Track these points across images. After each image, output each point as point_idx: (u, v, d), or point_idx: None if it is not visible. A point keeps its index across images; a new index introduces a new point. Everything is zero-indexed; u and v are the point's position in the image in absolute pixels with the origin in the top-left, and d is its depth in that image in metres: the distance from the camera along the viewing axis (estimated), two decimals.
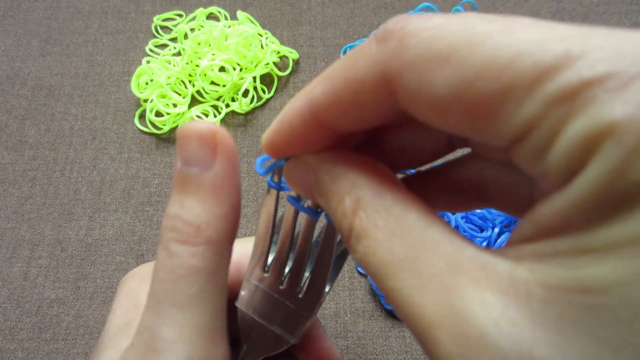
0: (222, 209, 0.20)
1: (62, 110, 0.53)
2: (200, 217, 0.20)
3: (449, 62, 0.13)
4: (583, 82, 0.11)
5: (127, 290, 0.25)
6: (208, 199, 0.20)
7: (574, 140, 0.11)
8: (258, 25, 0.57)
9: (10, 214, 0.46)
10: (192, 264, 0.19)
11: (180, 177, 0.20)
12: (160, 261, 0.20)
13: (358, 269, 0.43)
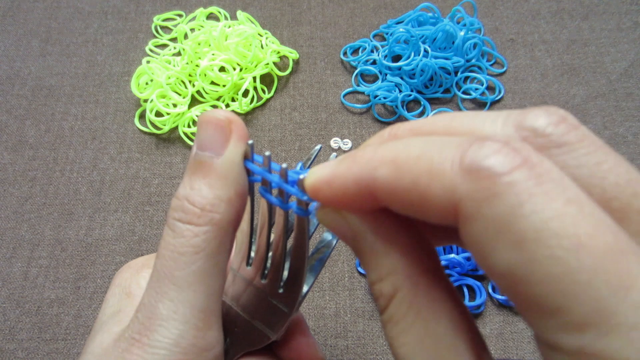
0: (227, 193, 0.21)
1: (62, 110, 0.53)
2: (206, 199, 0.20)
3: (520, 246, 0.13)
4: None
5: (120, 280, 0.25)
6: (215, 182, 0.21)
7: None
8: (258, 25, 0.57)
9: (10, 214, 0.46)
10: (194, 243, 0.20)
11: (194, 161, 0.21)
12: (165, 239, 0.21)
13: (358, 269, 0.43)
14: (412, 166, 0.15)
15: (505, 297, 0.41)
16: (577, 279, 0.13)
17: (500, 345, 0.40)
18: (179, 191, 0.21)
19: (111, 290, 0.25)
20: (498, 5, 0.59)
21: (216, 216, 0.21)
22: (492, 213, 0.13)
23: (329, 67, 0.55)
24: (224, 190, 0.21)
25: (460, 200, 0.14)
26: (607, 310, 0.12)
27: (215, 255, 0.21)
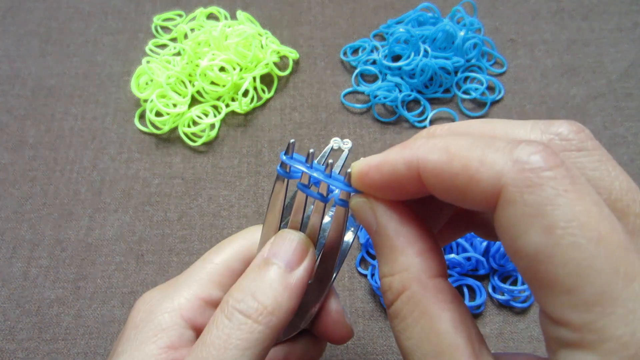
0: (289, 304, 0.23)
1: (62, 110, 0.53)
2: (270, 301, 0.22)
3: (550, 231, 0.16)
4: None
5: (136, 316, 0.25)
6: (283, 291, 0.23)
7: None
8: (258, 25, 0.57)
9: (10, 214, 0.46)
10: (247, 338, 0.21)
11: (265, 263, 0.23)
12: (219, 326, 0.22)
13: (358, 269, 0.43)
14: (464, 153, 0.18)
15: (505, 298, 0.41)
16: (593, 265, 0.15)
17: (501, 345, 0.40)
18: (243, 284, 0.23)
19: (126, 333, 0.25)
20: (498, 5, 0.59)
21: (274, 320, 0.22)
22: (531, 199, 0.16)
23: (329, 67, 0.55)
24: (288, 301, 0.23)
25: (505, 185, 0.16)
26: (613, 294, 0.15)
27: (260, 355, 0.22)
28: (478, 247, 0.41)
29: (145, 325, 0.24)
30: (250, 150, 0.50)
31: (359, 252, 0.44)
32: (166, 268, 0.44)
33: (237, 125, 0.51)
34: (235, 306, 0.22)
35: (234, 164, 0.49)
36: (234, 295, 0.23)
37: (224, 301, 0.23)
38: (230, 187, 0.48)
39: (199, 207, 0.47)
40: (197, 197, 0.47)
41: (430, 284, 0.19)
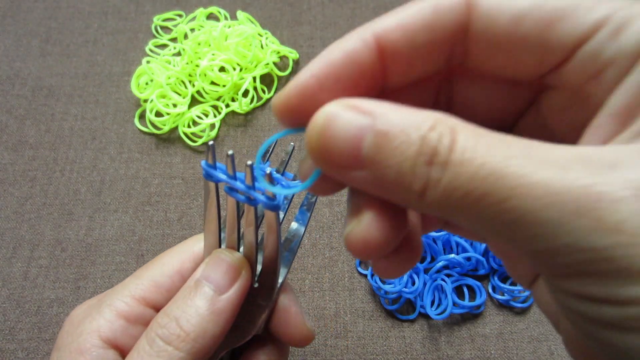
0: (215, 329, 0.22)
1: (62, 110, 0.53)
2: (194, 327, 0.22)
3: None
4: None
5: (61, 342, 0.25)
6: (209, 315, 0.22)
7: None
8: (258, 25, 0.57)
9: (10, 214, 0.46)
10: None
11: (195, 286, 0.23)
12: (140, 353, 0.21)
13: (358, 269, 0.43)
14: (411, 4, 0.17)
15: (505, 298, 0.41)
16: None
17: (501, 345, 0.40)
18: (171, 309, 0.23)
19: (52, 356, 0.24)
20: None
21: (197, 346, 0.22)
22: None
23: None
24: (214, 326, 0.22)
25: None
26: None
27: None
28: (478, 247, 0.41)
29: (66, 348, 0.24)
30: (250, 150, 0.50)
31: None
32: None
33: (237, 126, 0.51)
34: (157, 332, 0.22)
35: None
36: (158, 320, 0.22)
37: (149, 326, 0.23)
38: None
39: (199, 207, 0.47)
40: (197, 197, 0.47)
41: None
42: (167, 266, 0.26)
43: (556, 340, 0.40)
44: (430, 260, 0.42)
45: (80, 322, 0.24)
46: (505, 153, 0.14)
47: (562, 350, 0.39)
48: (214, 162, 0.23)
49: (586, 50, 0.16)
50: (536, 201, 0.13)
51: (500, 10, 0.16)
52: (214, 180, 0.23)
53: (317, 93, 0.17)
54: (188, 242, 0.27)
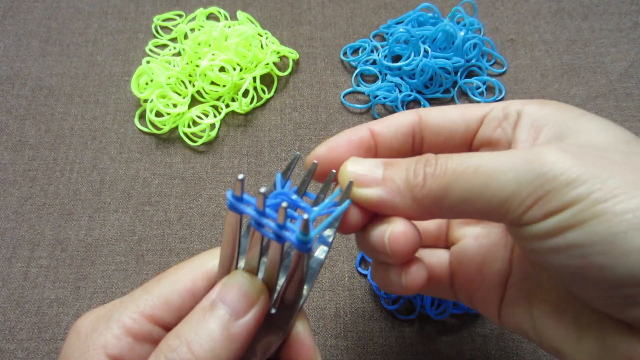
0: (228, 357, 0.22)
1: (62, 110, 0.53)
2: (205, 353, 0.21)
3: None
4: None
5: (68, 351, 0.24)
6: (223, 342, 0.22)
7: None
8: (258, 26, 0.57)
9: (10, 214, 0.46)
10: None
11: (210, 308, 0.22)
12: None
13: (358, 269, 0.43)
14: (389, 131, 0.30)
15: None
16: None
17: (501, 345, 0.40)
18: (183, 330, 0.22)
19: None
20: (498, 5, 0.59)
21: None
22: None
23: (329, 67, 0.55)
24: (227, 353, 0.22)
25: None
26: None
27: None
28: None
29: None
30: (250, 150, 0.50)
31: (359, 252, 0.44)
32: (166, 268, 0.43)
33: (237, 126, 0.51)
34: (167, 355, 0.21)
35: (234, 164, 0.49)
36: (168, 342, 0.22)
37: (158, 347, 0.22)
38: (230, 187, 0.48)
39: (199, 207, 0.47)
40: (197, 197, 0.47)
41: None
42: (179, 283, 0.25)
43: None
44: None
45: (87, 335, 0.23)
46: (471, 155, 0.23)
47: None
48: (241, 195, 0.22)
49: (489, 117, 0.28)
50: (499, 163, 0.22)
51: (436, 112, 0.29)
52: (239, 213, 0.22)
53: (340, 153, 0.29)
54: (202, 257, 0.26)
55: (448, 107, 0.29)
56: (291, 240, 0.21)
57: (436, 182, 0.23)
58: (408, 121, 0.29)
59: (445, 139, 0.29)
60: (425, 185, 0.24)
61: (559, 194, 0.20)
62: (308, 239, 0.21)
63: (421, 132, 0.29)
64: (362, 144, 0.28)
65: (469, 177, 0.22)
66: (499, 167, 0.22)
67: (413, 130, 0.29)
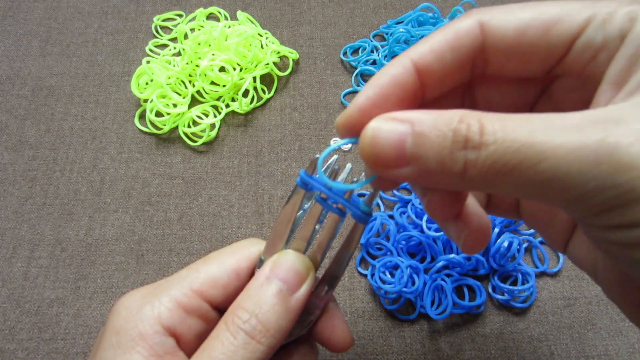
0: (288, 326, 0.24)
1: (62, 110, 0.53)
2: (274, 324, 0.24)
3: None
4: None
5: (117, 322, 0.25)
6: (283, 313, 0.24)
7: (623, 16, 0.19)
8: (258, 26, 0.57)
9: (10, 214, 0.46)
10: (250, 357, 0.23)
11: (267, 283, 0.24)
12: (224, 343, 0.23)
13: (358, 269, 0.43)
14: (437, 32, 0.22)
15: (505, 298, 0.41)
16: None
17: (501, 345, 0.40)
18: (246, 302, 0.24)
19: (106, 337, 0.25)
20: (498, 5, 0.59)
21: (274, 342, 0.24)
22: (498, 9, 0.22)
23: (329, 67, 0.55)
24: (287, 323, 0.24)
25: (480, 16, 0.22)
26: None
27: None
28: None
29: (126, 333, 0.24)
30: (250, 150, 0.50)
31: (359, 252, 0.44)
32: (166, 268, 0.44)
33: (237, 125, 0.51)
34: (240, 326, 0.23)
35: (234, 164, 0.49)
36: (238, 314, 0.24)
37: (227, 319, 0.24)
38: (230, 187, 0.48)
39: (199, 207, 0.47)
40: (197, 197, 0.47)
41: None
42: (224, 264, 0.27)
43: (556, 340, 0.40)
44: (430, 260, 0.42)
45: (139, 308, 0.25)
46: (529, 127, 0.17)
47: (562, 350, 0.39)
48: (312, 174, 0.25)
49: (581, 42, 0.20)
50: (562, 159, 0.16)
51: (507, 25, 0.21)
52: (309, 189, 0.25)
53: (371, 110, 0.21)
54: (243, 243, 0.28)
55: (524, 14, 0.21)
56: (354, 210, 0.24)
57: (481, 174, 0.18)
58: (467, 41, 0.21)
59: (516, 67, 0.22)
60: (465, 175, 0.18)
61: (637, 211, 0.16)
62: (370, 210, 0.24)
63: (484, 54, 0.22)
64: (404, 90, 0.21)
65: (524, 172, 0.17)
66: (565, 164, 0.16)
67: (474, 52, 0.21)
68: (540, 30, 0.20)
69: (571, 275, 0.42)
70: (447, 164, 0.18)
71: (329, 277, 0.27)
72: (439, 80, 0.22)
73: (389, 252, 0.42)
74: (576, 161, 0.16)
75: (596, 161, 0.16)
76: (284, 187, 0.47)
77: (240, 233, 0.45)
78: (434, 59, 0.21)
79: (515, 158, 0.17)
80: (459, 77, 0.22)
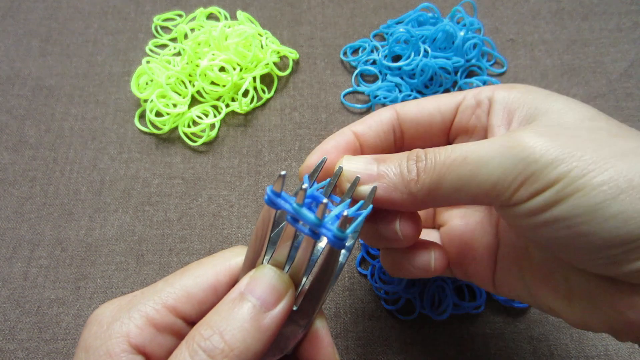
0: (258, 347, 0.22)
1: (62, 110, 0.53)
2: (238, 343, 0.22)
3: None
4: None
5: (88, 341, 0.24)
6: (254, 333, 0.22)
7: None
8: (258, 25, 0.57)
9: (10, 214, 0.46)
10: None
11: (240, 299, 0.23)
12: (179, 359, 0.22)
13: (358, 269, 0.43)
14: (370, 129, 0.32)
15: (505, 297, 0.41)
16: None
17: (501, 345, 0.40)
18: (214, 320, 0.22)
19: (77, 354, 0.24)
20: (498, 5, 0.59)
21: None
22: None
23: (329, 67, 0.55)
24: (258, 343, 0.22)
25: None
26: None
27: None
28: None
29: (94, 350, 0.23)
30: (250, 150, 0.50)
31: (359, 252, 0.44)
32: (166, 268, 0.44)
33: (237, 125, 0.51)
34: (200, 344, 0.22)
35: (234, 164, 0.49)
36: (200, 331, 0.22)
37: (190, 335, 0.22)
38: (230, 187, 0.48)
39: (199, 207, 0.47)
40: (197, 197, 0.47)
41: None
42: (201, 278, 0.25)
43: (556, 341, 0.40)
44: None
45: (109, 324, 0.24)
46: (454, 147, 0.25)
47: (562, 350, 0.39)
48: (281, 191, 0.23)
49: (462, 106, 0.31)
50: (481, 155, 0.24)
51: (411, 107, 0.31)
52: (277, 208, 0.23)
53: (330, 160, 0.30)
54: (224, 253, 0.27)
55: (423, 100, 0.31)
56: (328, 236, 0.22)
57: (429, 176, 0.25)
58: (387, 118, 0.31)
59: (424, 131, 0.31)
60: (419, 179, 0.25)
61: (542, 175, 0.23)
62: (345, 235, 0.22)
63: (400, 127, 0.31)
64: (348, 147, 0.30)
65: (458, 167, 0.24)
66: (484, 155, 0.24)
67: (393, 126, 0.31)
68: (434, 105, 0.31)
69: None
70: (404, 174, 0.26)
71: (306, 299, 0.25)
72: (372, 143, 0.31)
73: None
74: (493, 150, 0.24)
75: (508, 147, 0.23)
76: (284, 187, 0.47)
77: (240, 233, 0.45)
78: (366, 129, 0.31)
79: (449, 158, 0.25)
80: (385, 141, 0.31)
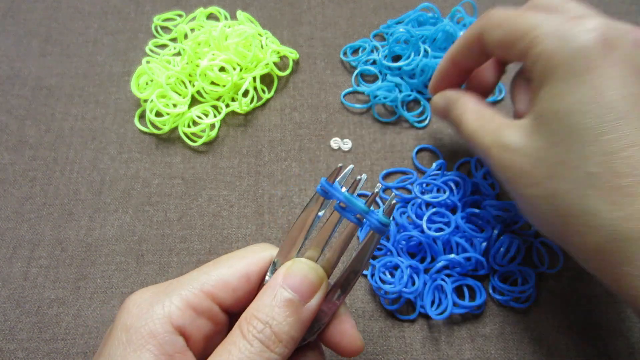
0: (299, 335, 0.25)
1: (62, 110, 0.53)
2: (286, 334, 0.25)
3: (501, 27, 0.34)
4: None
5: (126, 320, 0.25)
6: (295, 324, 0.25)
7: None
8: (258, 25, 0.57)
9: (10, 214, 0.46)
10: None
11: (280, 292, 0.25)
12: (241, 349, 0.24)
13: None
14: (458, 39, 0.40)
15: (505, 298, 0.41)
16: None
17: (501, 345, 0.40)
18: (261, 312, 0.25)
19: (115, 334, 0.25)
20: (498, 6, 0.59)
21: (286, 351, 0.25)
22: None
23: (329, 67, 0.55)
24: (298, 333, 0.25)
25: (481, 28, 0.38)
26: None
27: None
28: (478, 247, 0.41)
29: (136, 330, 0.24)
30: (250, 150, 0.50)
31: None
32: (166, 268, 0.44)
33: (237, 125, 0.51)
34: (255, 335, 0.24)
35: (234, 164, 0.49)
36: (252, 324, 0.25)
37: (242, 326, 0.25)
38: (230, 187, 0.48)
39: (199, 207, 0.47)
40: (197, 197, 0.47)
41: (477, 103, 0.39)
42: (235, 267, 0.27)
43: (556, 341, 0.40)
44: (430, 260, 0.42)
45: (149, 305, 0.25)
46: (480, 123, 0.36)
47: (562, 350, 0.39)
48: (334, 182, 0.26)
49: None
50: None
51: (496, 30, 0.36)
52: (329, 198, 0.26)
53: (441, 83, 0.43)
54: (254, 247, 0.29)
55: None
56: (373, 222, 0.25)
57: None
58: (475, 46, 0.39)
59: (502, 53, 0.37)
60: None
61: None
62: (390, 222, 0.25)
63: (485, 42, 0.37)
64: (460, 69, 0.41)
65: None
66: None
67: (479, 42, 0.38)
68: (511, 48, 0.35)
69: (571, 275, 0.42)
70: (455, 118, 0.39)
71: (341, 285, 0.27)
72: (467, 65, 0.41)
73: (389, 252, 0.42)
74: None
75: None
76: (284, 187, 0.47)
77: (240, 233, 0.45)
78: (463, 51, 0.39)
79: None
80: (475, 57, 0.39)
